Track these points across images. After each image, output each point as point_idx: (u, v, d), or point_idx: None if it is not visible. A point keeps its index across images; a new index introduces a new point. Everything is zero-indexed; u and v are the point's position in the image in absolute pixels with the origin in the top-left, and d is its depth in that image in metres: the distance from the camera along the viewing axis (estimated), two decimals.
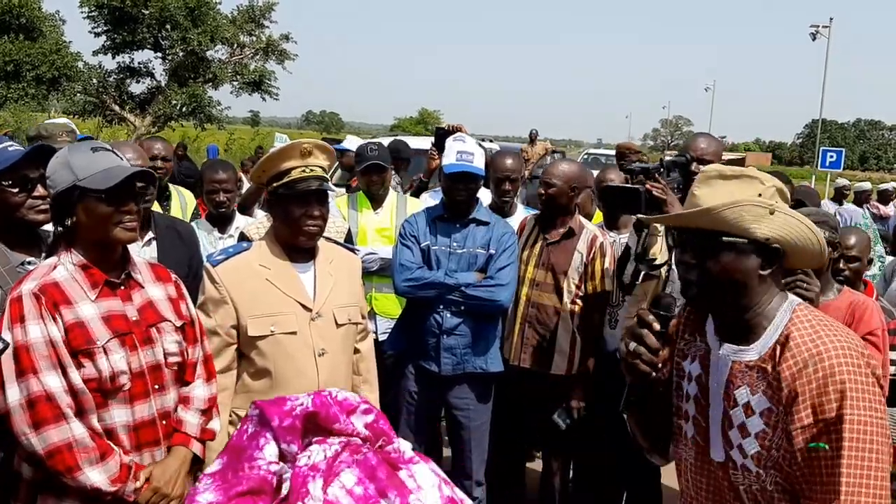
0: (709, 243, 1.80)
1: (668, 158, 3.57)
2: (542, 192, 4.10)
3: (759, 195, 1.79)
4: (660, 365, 1.90)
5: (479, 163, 3.87)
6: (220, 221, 4.40)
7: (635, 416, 2.09)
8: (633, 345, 1.89)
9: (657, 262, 3.56)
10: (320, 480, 1.39)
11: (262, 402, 1.50)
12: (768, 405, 1.74)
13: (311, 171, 2.80)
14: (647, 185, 3.31)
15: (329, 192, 2.89)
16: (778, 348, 1.75)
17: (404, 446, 1.48)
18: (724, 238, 1.78)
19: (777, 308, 1.81)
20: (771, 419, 1.74)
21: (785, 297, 1.84)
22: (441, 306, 3.83)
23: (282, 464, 1.46)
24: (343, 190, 5.85)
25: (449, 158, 3.90)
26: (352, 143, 7.89)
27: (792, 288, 2.71)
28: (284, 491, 1.43)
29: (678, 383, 2.00)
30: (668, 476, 4.10)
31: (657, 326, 1.87)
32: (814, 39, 39.49)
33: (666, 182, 3.39)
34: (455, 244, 3.90)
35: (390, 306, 4.67)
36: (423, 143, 8.84)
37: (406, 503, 1.44)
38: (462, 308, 3.80)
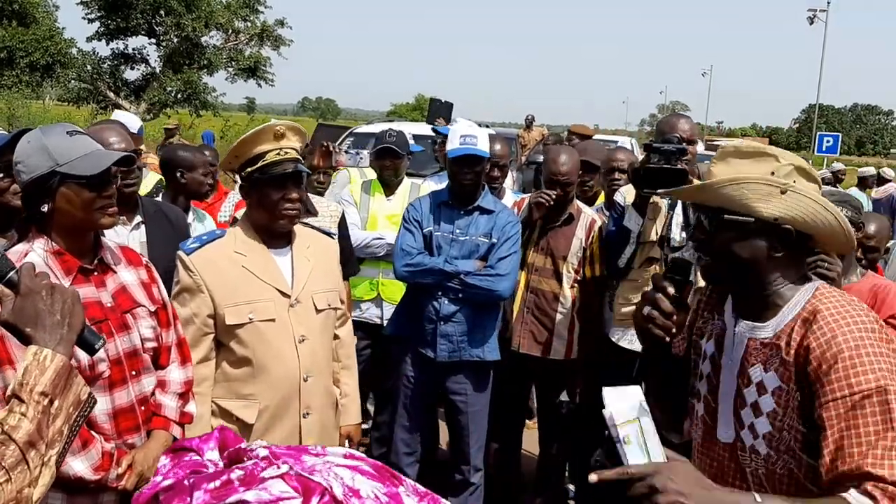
0: (714, 220, 1.75)
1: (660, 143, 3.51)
2: (560, 192, 4.03)
3: (772, 173, 1.70)
4: (673, 330, 1.86)
5: (483, 145, 3.82)
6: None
7: (652, 387, 2.05)
8: (647, 308, 1.85)
9: (677, 245, 3.53)
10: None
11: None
12: (779, 384, 1.70)
13: (286, 153, 2.75)
14: (681, 166, 3.31)
15: (305, 173, 2.83)
16: (799, 324, 1.69)
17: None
18: (726, 216, 1.72)
19: (795, 289, 1.75)
20: (781, 398, 1.70)
21: (806, 279, 1.78)
22: (439, 293, 3.80)
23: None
24: None
25: (453, 143, 3.87)
26: (121, 117, 7.13)
27: (813, 268, 2.66)
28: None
29: (695, 361, 1.98)
30: None
31: (671, 291, 1.83)
32: (811, 24, 39.45)
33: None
34: (458, 231, 3.87)
35: (397, 292, 4.63)
36: (420, 129, 8.80)
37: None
38: (460, 296, 3.77)
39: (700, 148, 27.14)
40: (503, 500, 4.33)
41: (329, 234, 3.16)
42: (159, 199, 4.35)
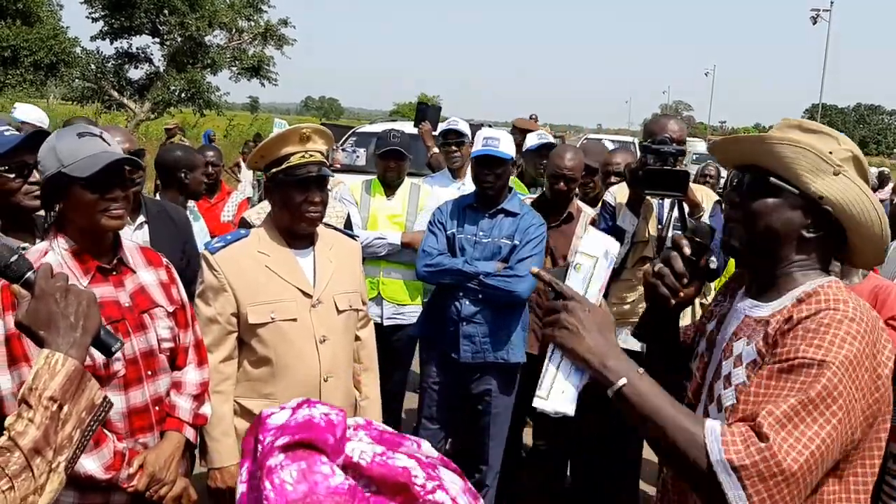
0: (758, 182, 1.69)
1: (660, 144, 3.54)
2: (564, 187, 4.08)
3: (830, 153, 1.63)
4: (681, 295, 1.80)
5: (505, 148, 3.86)
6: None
7: (652, 357, 2.00)
8: (658, 265, 1.81)
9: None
10: (399, 454, 1.41)
11: (291, 439, 1.45)
12: (754, 357, 1.63)
13: (311, 156, 2.77)
14: (680, 168, 3.36)
15: (329, 177, 2.86)
16: (794, 302, 1.62)
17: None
18: (772, 179, 1.65)
19: (809, 277, 1.67)
20: (753, 372, 1.62)
21: (825, 274, 1.70)
22: (460, 294, 3.84)
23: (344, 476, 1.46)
24: None
25: (476, 145, 3.93)
26: (25, 111, 6.47)
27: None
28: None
29: (697, 342, 1.93)
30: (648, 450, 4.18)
31: (688, 251, 1.79)
32: (814, 23, 39.42)
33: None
34: (481, 233, 3.90)
35: (398, 291, 4.67)
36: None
37: (419, 443, 1.53)
38: (480, 297, 3.80)
39: (702, 148, 26.99)
40: (503, 500, 4.37)
41: (352, 236, 3.19)
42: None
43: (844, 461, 1.54)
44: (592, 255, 1.63)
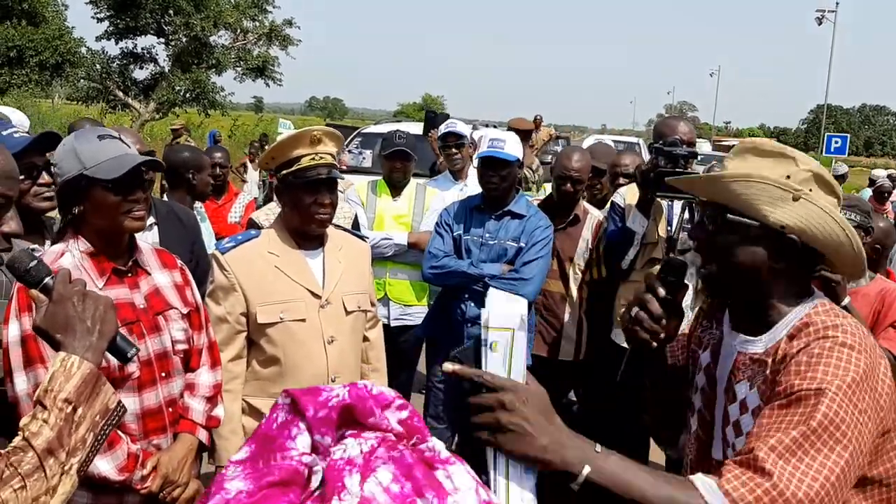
0: (717, 218, 1.62)
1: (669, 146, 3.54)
2: (570, 188, 4.09)
3: (788, 177, 1.56)
4: (662, 336, 1.72)
5: (510, 149, 3.86)
6: None
7: (648, 398, 1.94)
8: (635, 310, 1.71)
9: (682, 248, 3.56)
10: (357, 475, 1.29)
11: (294, 390, 1.45)
12: (758, 403, 1.57)
13: (321, 158, 2.79)
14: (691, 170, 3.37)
15: (339, 179, 2.88)
16: (786, 339, 1.57)
17: (440, 446, 1.39)
18: (730, 216, 1.59)
19: (794, 305, 1.62)
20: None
21: (808, 295, 1.65)
22: (465, 296, 3.85)
23: (314, 456, 1.40)
24: None
25: (482, 147, 3.94)
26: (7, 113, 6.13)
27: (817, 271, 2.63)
28: (314, 483, 1.36)
29: (692, 372, 1.86)
30: (655, 454, 4.17)
31: (662, 293, 1.69)
32: (819, 24, 39.34)
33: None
34: (487, 235, 3.91)
35: (404, 292, 4.68)
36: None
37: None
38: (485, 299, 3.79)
39: (707, 148, 27.19)
40: None
41: (362, 238, 3.21)
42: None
43: (864, 474, 1.50)
44: (507, 327, 1.36)
